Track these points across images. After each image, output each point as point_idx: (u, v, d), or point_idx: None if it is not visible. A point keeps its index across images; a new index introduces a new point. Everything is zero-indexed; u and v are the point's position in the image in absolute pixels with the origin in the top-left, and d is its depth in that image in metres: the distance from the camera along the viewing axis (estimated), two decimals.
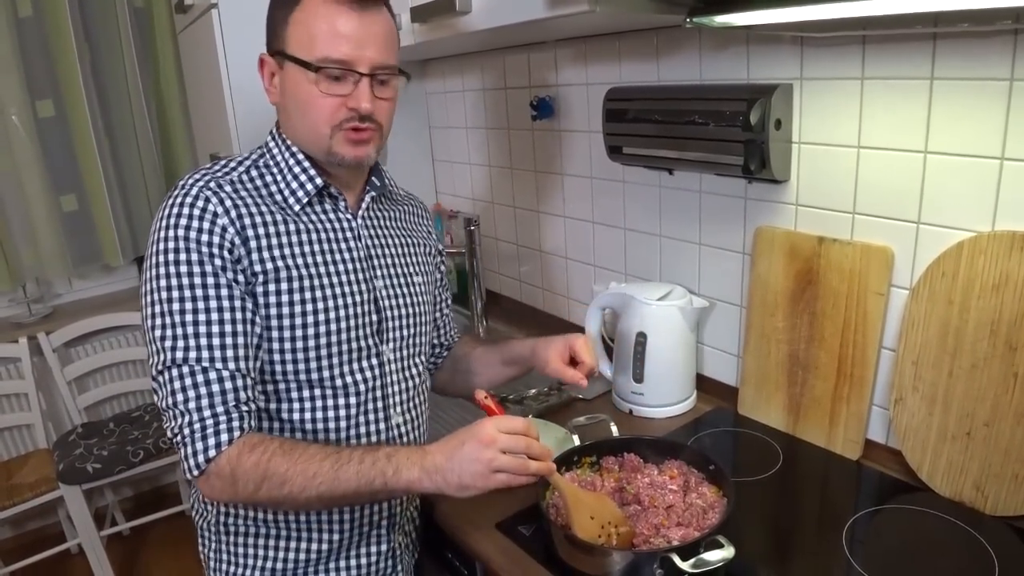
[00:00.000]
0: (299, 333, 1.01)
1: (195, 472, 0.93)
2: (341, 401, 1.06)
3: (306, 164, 1.05)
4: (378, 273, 1.12)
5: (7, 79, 2.58)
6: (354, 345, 1.07)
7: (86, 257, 2.92)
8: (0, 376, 2.65)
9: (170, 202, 0.98)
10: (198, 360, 0.93)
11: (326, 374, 1.04)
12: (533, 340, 1.25)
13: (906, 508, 1.13)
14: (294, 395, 1.04)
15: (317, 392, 1.05)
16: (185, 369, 0.93)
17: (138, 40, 2.83)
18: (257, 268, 0.99)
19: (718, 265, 1.50)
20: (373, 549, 1.14)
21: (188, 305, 0.94)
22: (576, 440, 1.29)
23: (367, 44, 0.99)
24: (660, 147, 1.41)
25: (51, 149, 2.74)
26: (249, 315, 0.98)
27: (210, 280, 0.95)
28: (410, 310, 1.16)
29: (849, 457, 1.27)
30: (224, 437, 0.93)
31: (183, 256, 0.95)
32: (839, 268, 1.25)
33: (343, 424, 1.07)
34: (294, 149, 1.06)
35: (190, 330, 0.94)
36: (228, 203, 0.98)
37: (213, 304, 0.95)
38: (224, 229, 0.97)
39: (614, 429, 1.33)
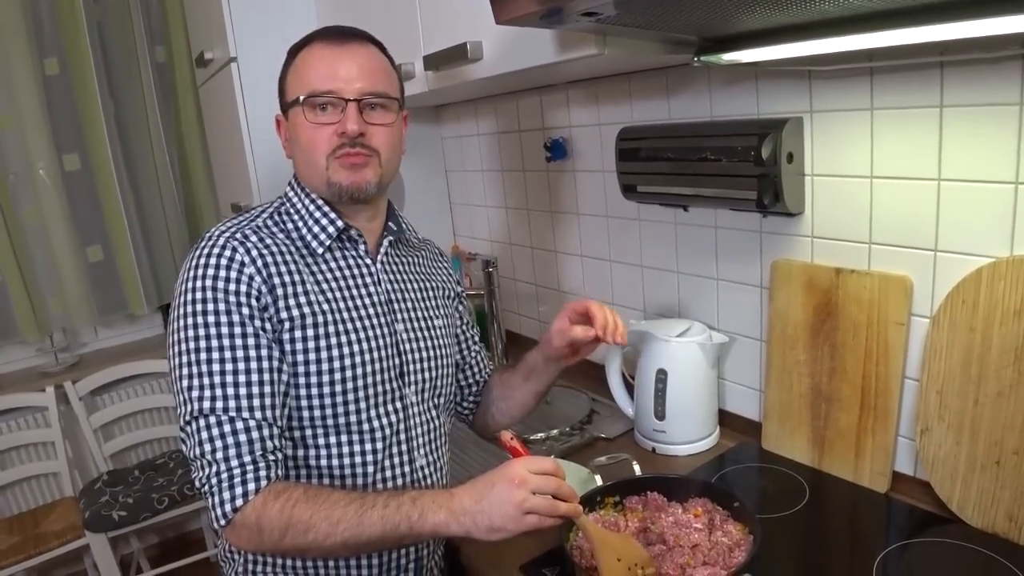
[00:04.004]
0: (325, 379, 1.02)
1: (222, 522, 0.93)
2: (368, 446, 1.07)
3: (325, 208, 1.08)
4: (399, 317, 1.13)
5: (36, 135, 2.65)
6: (378, 389, 1.07)
7: (111, 306, 2.97)
8: (28, 425, 2.68)
9: (197, 253, 1.00)
10: (225, 410, 0.94)
11: (352, 418, 1.05)
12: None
13: (938, 541, 1.11)
14: (320, 441, 1.04)
15: (344, 437, 1.05)
16: (212, 419, 0.94)
17: (160, 94, 2.92)
18: (284, 315, 1.00)
19: (736, 299, 1.50)
20: None
21: (215, 355, 0.95)
22: (599, 480, 1.28)
23: (352, 73, 1.04)
24: (674, 184, 1.42)
25: (77, 201, 2.80)
26: (276, 363, 0.99)
27: (237, 330, 0.97)
28: (431, 353, 1.17)
29: (877, 490, 1.25)
30: (251, 487, 0.93)
31: (210, 307, 0.96)
32: (858, 299, 1.24)
33: (369, 468, 1.07)
34: (313, 195, 1.09)
35: (216, 380, 0.95)
36: (255, 252, 1.00)
37: (240, 354, 0.96)
38: (251, 278, 0.98)
39: (637, 468, 1.32)
